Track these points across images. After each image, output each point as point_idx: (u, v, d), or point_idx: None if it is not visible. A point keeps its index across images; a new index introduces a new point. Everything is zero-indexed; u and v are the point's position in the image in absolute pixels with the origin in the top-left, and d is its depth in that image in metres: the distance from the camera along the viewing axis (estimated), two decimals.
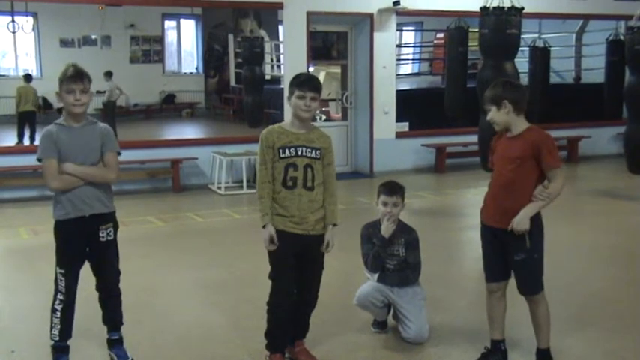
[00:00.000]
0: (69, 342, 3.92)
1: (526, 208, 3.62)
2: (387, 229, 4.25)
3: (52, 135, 3.71)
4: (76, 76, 3.66)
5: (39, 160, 3.73)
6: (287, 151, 3.75)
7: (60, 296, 3.82)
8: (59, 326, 3.84)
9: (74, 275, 3.83)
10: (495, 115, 3.70)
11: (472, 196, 9.75)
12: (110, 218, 3.86)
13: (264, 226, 3.77)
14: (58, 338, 3.86)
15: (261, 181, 3.78)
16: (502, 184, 3.71)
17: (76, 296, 3.88)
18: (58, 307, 3.83)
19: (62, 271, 3.81)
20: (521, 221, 3.61)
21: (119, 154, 3.88)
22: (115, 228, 3.90)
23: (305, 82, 3.77)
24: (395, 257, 4.33)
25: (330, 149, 3.88)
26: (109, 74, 13.28)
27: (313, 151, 3.78)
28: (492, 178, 3.81)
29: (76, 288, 3.86)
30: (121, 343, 4.03)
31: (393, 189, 4.28)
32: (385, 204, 4.26)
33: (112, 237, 3.87)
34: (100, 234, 3.81)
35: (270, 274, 3.86)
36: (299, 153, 3.76)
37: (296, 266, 3.86)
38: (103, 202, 3.80)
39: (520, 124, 3.72)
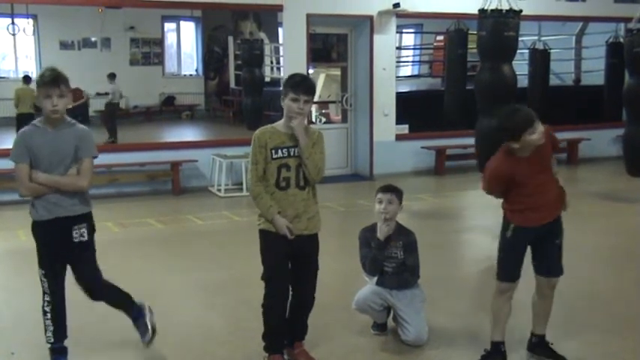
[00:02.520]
0: (66, 343, 3.91)
1: (563, 188, 3.89)
2: (382, 232, 4.25)
3: (26, 138, 3.71)
4: (52, 82, 3.63)
5: (12, 161, 3.73)
6: (280, 151, 3.76)
7: (46, 297, 3.83)
8: (52, 328, 3.85)
9: (55, 275, 3.82)
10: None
11: (472, 198, 9.76)
12: (84, 219, 3.82)
13: (271, 220, 3.76)
14: (53, 340, 3.86)
15: (254, 180, 3.79)
16: (546, 188, 3.81)
17: (65, 296, 3.88)
18: (47, 309, 3.83)
19: (43, 272, 3.81)
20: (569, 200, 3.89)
21: (95, 157, 3.84)
22: (91, 229, 3.87)
23: (299, 85, 3.74)
24: (393, 260, 4.32)
25: (318, 142, 3.84)
26: (112, 76, 13.30)
27: None
28: (527, 191, 3.77)
29: (62, 288, 3.86)
30: (142, 317, 4.06)
31: (388, 187, 4.30)
32: (380, 201, 4.25)
33: (85, 238, 3.81)
34: (73, 234, 3.77)
35: (262, 276, 3.87)
36: (291, 153, 3.77)
37: (291, 268, 3.87)
38: (76, 204, 3.77)
39: None
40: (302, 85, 3.75)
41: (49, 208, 3.73)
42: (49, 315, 3.83)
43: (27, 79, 12.43)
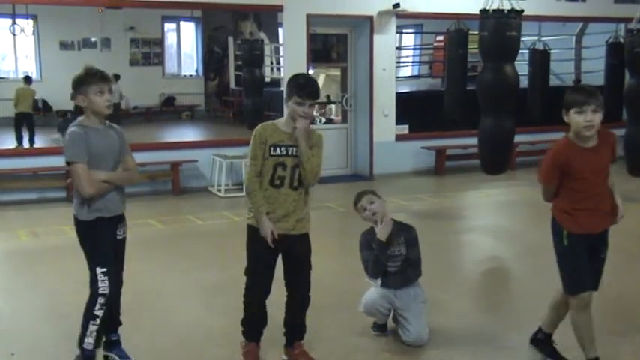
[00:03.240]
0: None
1: (618, 200, 3.77)
2: (382, 233, 4.24)
3: (83, 137, 3.61)
4: (104, 77, 3.68)
5: (69, 162, 3.61)
6: (278, 149, 3.76)
7: (101, 300, 3.62)
8: (95, 333, 3.65)
9: (115, 273, 3.75)
10: (599, 119, 3.53)
11: (472, 199, 9.76)
12: (124, 217, 3.89)
13: (258, 220, 3.78)
14: (92, 347, 3.68)
15: (252, 175, 3.79)
16: (601, 192, 3.67)
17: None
18: (99, 313, 3.63)
19: (104, 269, 3.64)
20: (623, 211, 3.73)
21: None
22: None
23: (304, 88, 3.73)
24: (397, 258, 4.31)
25: (317, 144, 3.86)
26: (116, 77, 13.32)
27: None
28: (586, 190, 3.61)
29: (115, 289, 3.76)
30: (120, 344, 3.99)
31: (359, 197, 4.36)
32: (364, 209, 4.28)
33: (126, 235, 3.88)
34: (118, 232, 3.81)
35: (245, 270, 3.92)
36: (289, 152, 3.76)
37: (283, 267, 3.91)
38: (124, 203, 3.85)
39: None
40: (306, 88, 3.74)
41: (112, 208, 3.72)
42: (98, 320, 3.63)
43: (28, 79, 12.43)
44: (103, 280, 3.63)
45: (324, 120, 11.74)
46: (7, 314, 5.03)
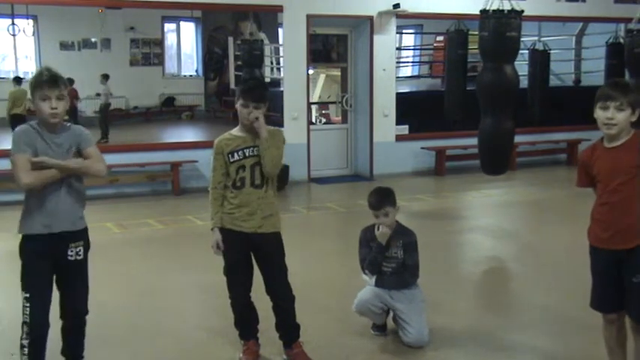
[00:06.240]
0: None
1: None
2: (382, 236, 4.24)
3: (29, 132, 3.31)
4: (51, 81, 3.26)
5: (12, 154, 3.33)
6: (235, 154, 3.91)
7: (26, 329, 3.34)
8: None
9: (42, 301, 3.38)
10: (624, 118, 3.23)
11: (472, 199, 9.76)
12: (81, 236, 3.47)
13: (212, 229, 3.98)
14: None
15: (212, 186, 4.01)
16: (619, 200, 3.25)
17: (49, 329, 3.46)
18: (25, 343, 3.37)
19: (27, 295, 3.36)
20: None
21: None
22: (86, 248, 3.51)
23: (248, 92, 3.88)
24: (393, 260, 4.31)
25: (273, 136, 3.92)
26: (105, 77, 13.27)
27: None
28: (601, 196, 3.33)
29: (47, 318, 3.42)
30: None
31: (379, 202, 4.26)
32: (377, 217, 4.27)
33: (81, 256, 3.45)
34: (69, 252, 3.41)
35: (223, 270, 4.01)
36: (246, 154, 3.90)
37: (260, 270, 3.98)
38: (76, 217, 3.44)
39: (630, 131, 3.29)
40: (251, 93, 3.88)
41: (48, 220, 3.35)
42: (26, 350, 3.37)
43: (18, 80, 12.38)
44: (26, 307, 3.35)
45: (324, 120, 11.75)
46: (7, 314, 5.02)
